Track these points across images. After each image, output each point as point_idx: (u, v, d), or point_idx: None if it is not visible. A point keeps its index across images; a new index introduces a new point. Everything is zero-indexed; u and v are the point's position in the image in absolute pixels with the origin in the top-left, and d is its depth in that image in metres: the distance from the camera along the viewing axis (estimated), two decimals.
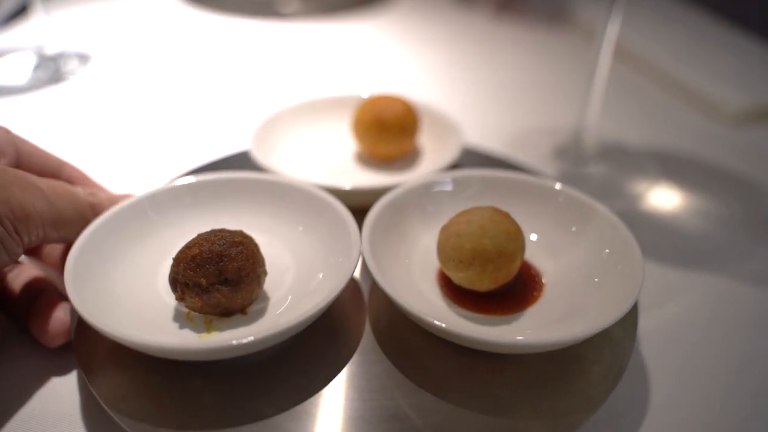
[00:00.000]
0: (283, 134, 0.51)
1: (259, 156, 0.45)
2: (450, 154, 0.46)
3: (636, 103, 0.69)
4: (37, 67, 0.68)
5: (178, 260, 0.33)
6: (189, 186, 0.40)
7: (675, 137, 0.61)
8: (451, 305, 0.36)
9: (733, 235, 0.48)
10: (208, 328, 0.33)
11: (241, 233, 0.34)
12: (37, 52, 0.70)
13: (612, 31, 0.50)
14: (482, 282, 0.35)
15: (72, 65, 0.70)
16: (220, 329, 0.33)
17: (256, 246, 0.34)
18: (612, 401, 0.32)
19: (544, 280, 0.37)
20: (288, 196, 0.40)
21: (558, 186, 0.41)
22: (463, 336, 0.30)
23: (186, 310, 0.34)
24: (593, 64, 0.52)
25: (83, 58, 0.72)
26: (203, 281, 0.32)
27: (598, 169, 0.56)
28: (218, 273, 0.32)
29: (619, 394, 0.33)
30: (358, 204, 0.39)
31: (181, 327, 0.33)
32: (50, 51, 0.70)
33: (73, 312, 0.34)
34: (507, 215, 0.36)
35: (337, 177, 0.48)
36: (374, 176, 0.49)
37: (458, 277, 0.36)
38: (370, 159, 0.51)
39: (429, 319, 0.31)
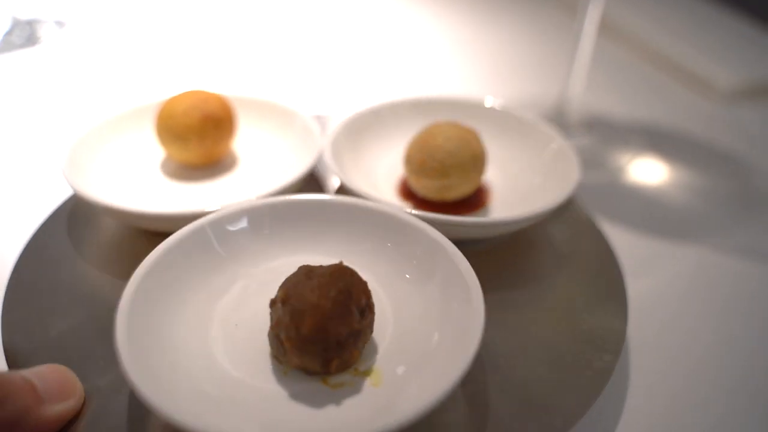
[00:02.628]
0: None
1: None
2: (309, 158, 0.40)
3: (623, 78, 0.67)
4: (10, 31, 0.66)
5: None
6: (270, 208, 0.33)
7: (662, 112, 0.60)
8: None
9: (717, 210, 0.47)
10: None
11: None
12: (11, 16, 0.68)
13: (595, 4, 0.49)
14: (460, 188, 0.38)
15: (47, 30, 0.68)
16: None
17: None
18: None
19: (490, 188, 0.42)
20: (400, 232, 0.32)
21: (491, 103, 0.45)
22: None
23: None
24: (576, 35, 0.51)
25: (59, 24, 0.70)
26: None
27: (583, 141, 0.54)
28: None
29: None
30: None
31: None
32: (25, 16, 0.69)
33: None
34: (470, 129, 0.39)
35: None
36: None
37: (433, 186, 0.38)
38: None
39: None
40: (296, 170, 0.38)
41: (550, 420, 0.27)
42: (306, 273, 0.28)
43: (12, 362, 0.29)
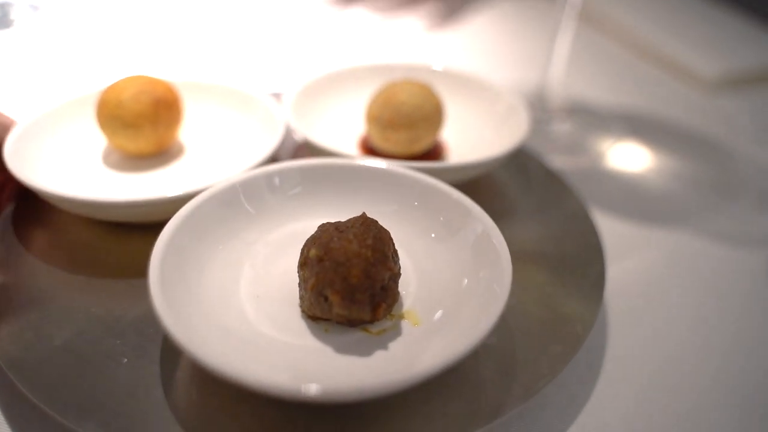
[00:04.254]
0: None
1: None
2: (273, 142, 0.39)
3: (606, 67, 0.68)
4: None
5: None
6: (300, 172, 0.34)
7: (645, 100, 0.61)
8: None
9: (698, 196, 0.47)
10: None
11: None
12: None
13: None
14: (426, 139, 0.41)
15: (20, 12, 0.68)
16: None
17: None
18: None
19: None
20: (423, 195, 0.34)
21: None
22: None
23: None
24: (557, 21, 0.51)
25: (33, 7, 0.70)
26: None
27: (563, 127, 0.55)
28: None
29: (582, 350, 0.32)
30: None
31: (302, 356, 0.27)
32: None
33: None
34: (426, 84, 0.41)
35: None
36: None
37: (403, 139, 0.40)
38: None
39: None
40: (258, 151, 0.38)
41: (522, 384, 0.29)
42: (335, 228, 0.28)
43: None
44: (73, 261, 0.34)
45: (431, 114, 0.40)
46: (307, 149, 0.43)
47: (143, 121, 0.37)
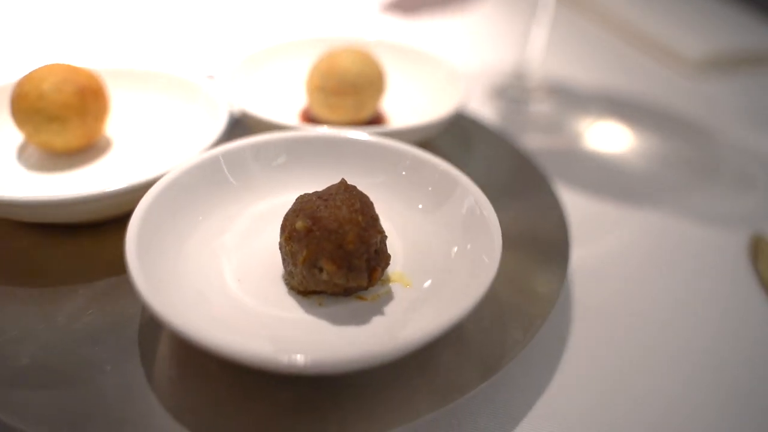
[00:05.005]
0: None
1: None
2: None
3: (587, 48, 0.67)
4: None
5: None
6: (285, 143, 0.33)
7: (626, 82, 0.61)
8: None
9: (679, 177, 0.47)
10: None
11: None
12: None
13: None
14: (371, 104, 0.41)
15: None
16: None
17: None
18: (538, 339, 0.31)
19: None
20: (408, 167, 0.34)
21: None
22: None
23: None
24: (535, 1, 0.51)
25: None
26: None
27: (541, 107, 0.54)
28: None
29: (544, 333, 0.32)
30: None
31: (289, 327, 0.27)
32: None
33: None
34: (365, 51, 0.42)
35: None
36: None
37: (350, 105, 0.40)
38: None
39: None
40: (200, 138, 0.36)
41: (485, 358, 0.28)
42: (318, 197, 0.28)
43: None
44: (14, 272, 0.30)
45: (375, 79, 0.40)
46: (242, 128, 0.41)
47: (69, 113, 0.34)
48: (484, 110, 0.54)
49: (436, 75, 0.46)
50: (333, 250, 0.26)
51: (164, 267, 0.26)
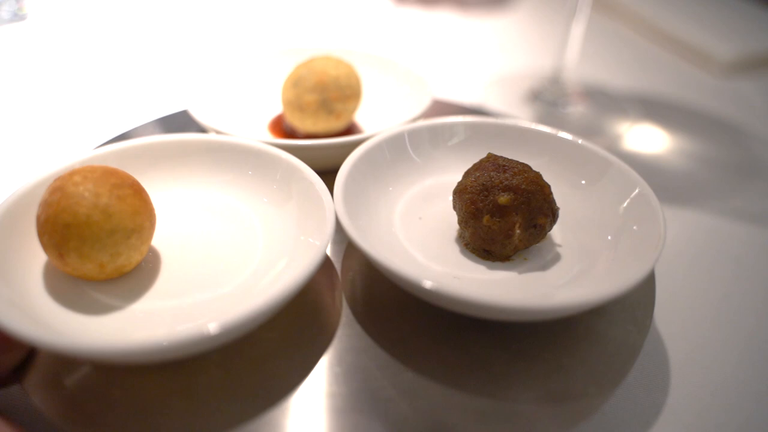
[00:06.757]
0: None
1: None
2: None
3: (620, 52, 0.68)
4: None
5: None
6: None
7: (660, 84, 0.62)
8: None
9: (716, 177, 0.47)
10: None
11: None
12: None
13: None
14: (354, 110, 0.41)
15: (34, 5, 0.70)
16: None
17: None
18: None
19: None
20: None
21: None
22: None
23: None
24: (571, 7, 0.51)
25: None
26: None
27: (578, 110, 0.55)
28: None
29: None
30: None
31: None
32: None
33: None
34: (341, 59, 0.42)
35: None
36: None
37: (341, 112, 0.40)
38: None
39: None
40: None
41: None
42: (494, 170, 0.31)
43: None
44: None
45: (357, 86, 0.41)
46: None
47: (143, 218, 0.29)
48: (520, 113, 0.54)
49: (402, 82, 0.47)
50: (541, 205, 0.31)
51: (362, 216, 0.31)
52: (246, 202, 0.34)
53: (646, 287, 0.32)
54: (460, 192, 0.32)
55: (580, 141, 0.36)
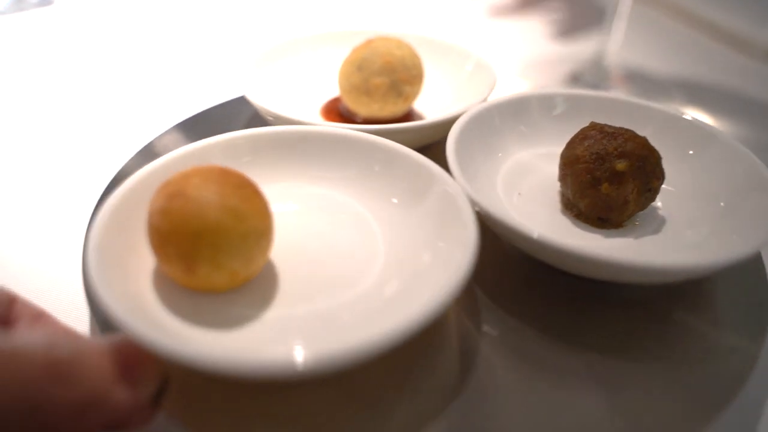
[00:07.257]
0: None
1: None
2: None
3: (661, 39, 0.68)
4: None
5: None
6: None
7: (701, 69, 0.61)
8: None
9: (760, 160, 0.45)
10: None
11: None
12: None
13: None
14: (418, 93, 0.40)
15: None
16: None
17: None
18: None
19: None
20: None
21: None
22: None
23: None
24: None
25: None
26: None
27: (619, 94, 0.53)
28: None
29: None
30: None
31: None
32: None
33: None
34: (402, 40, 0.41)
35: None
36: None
37: (409, 93, 0.39)
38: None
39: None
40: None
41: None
42: (601, 137, 0.31)
43: None
44: None
45: (421, 67, 0.40)
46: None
47: (268, 220, 0.26)
48: None
49: (463, 68, 0.45)
50: (654, 169, 0.31)
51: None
52: (366, 202, 0.32)
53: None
54: (571, 163, 0.32)
55: (683, 114, 0.37)
